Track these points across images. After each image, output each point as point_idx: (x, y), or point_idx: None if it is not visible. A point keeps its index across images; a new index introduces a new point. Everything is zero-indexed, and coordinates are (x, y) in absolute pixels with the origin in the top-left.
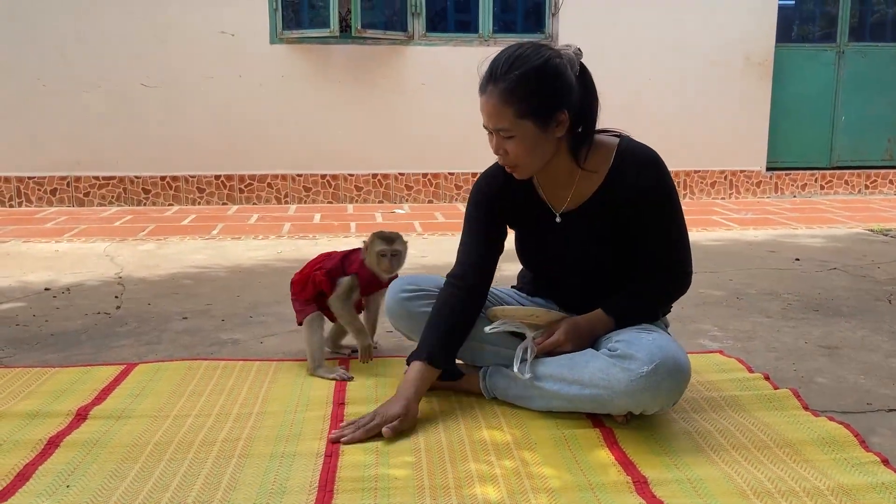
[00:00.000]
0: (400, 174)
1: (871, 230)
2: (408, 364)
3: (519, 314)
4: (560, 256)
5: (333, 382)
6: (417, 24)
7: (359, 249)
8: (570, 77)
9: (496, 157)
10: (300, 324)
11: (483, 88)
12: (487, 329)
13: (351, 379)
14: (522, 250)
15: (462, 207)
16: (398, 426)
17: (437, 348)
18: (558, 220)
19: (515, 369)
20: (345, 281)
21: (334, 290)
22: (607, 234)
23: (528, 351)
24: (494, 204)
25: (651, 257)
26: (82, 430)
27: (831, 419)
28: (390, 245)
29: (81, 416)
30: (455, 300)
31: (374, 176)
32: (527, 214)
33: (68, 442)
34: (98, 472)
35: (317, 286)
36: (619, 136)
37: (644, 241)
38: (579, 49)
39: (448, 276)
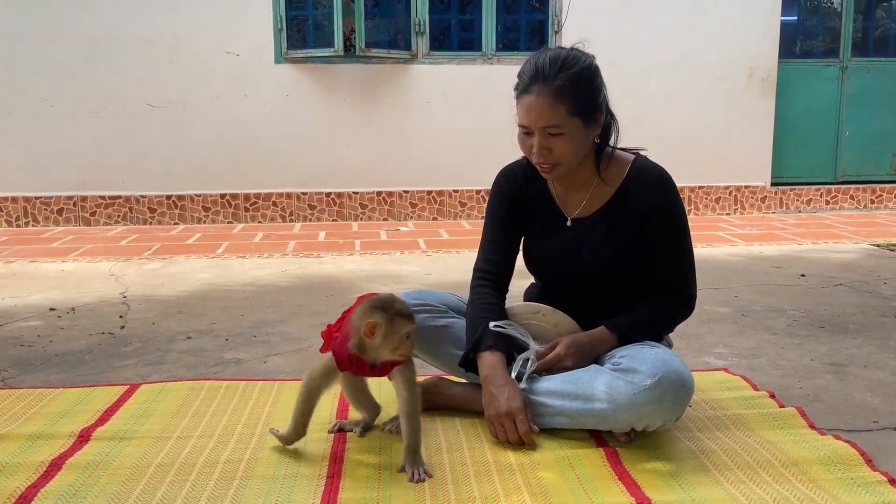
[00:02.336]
0: (404, 192)
1: (877, 245)
2: (464, 365)
3: (526, 310)
4: (567, 263)
5: (337, 402)
6: (421, 43)
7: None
8: (603, 81)
9: (530, 156)
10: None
11: (527, 89)
12: (492, 325)
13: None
14: (530, 255)
15: (466, 225)
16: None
17: (495, 336)
18: (569, 223)
19: (513, 376)
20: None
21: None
22: (615, 246)
23: (529, 363)
24: (514, 200)
25: (656, 275)
26: (85, 451)
27: (837, 438)
28: (412, 322)
29: (84, 437)
30: (490, 293)
31: (379, 193)
32: (540, 216)
33: (70, 464)
34: (100, 494)
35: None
36: (636, 153)
37: (650, 258)
38: (594, 57)
39: (476, 270)
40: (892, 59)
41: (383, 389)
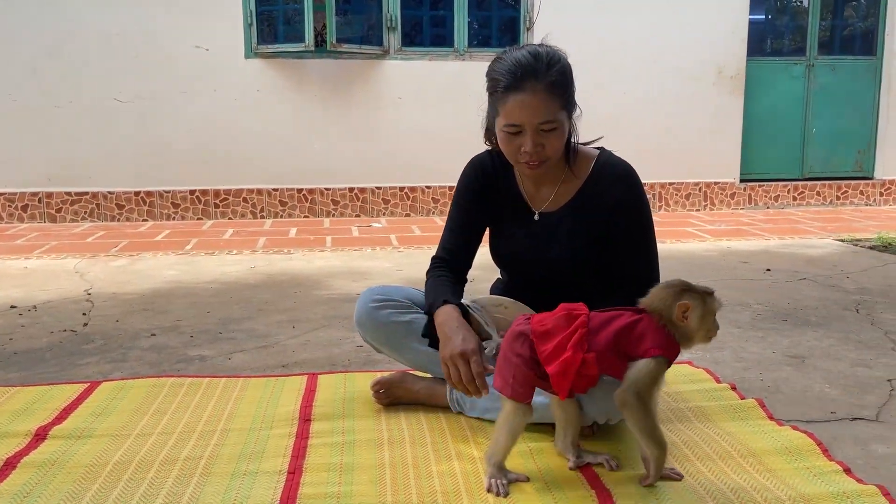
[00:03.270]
0: (377, 188)
1: (842, 240)
2: (427, 335)
3: (489, 303)
4: (534, 258)
5: (300, 398)
6: (393, 39)
7: (642, 315)
8: None
9: (517, 156)
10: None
11: (518, 86)
12: (464, 301)
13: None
14: (497, 248)
15: (439, 221)
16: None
17: (451, 295)
18: (536, 217)
19: None
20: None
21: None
22: (581, 241)
23: (494, 351)
24: (481, 191)
25: (621, 270)
26: (41, 450)
27: (795, 428)
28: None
29: (40, 436)
30: (446, 279)
31: (351, 190)
32: (507, 209)
33: (26, 463)
34: (55, 493)
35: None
36: (601, 148)
37: (616, 253)
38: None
39: (434, 258)
40: (858, 58)
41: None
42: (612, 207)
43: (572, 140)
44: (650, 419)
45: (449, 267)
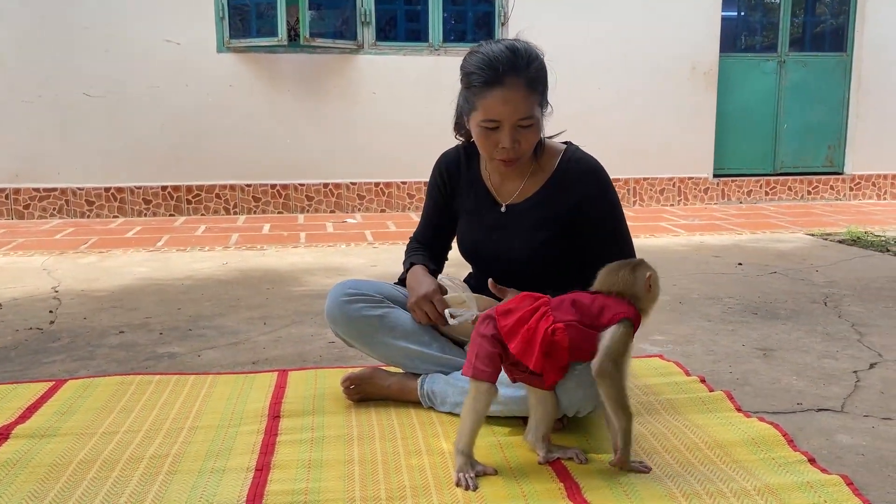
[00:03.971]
0: (352, 183)
1: (812, 235)
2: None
3: (453, 301)
4: (499, 249)
5: (270, 394)
6: (367, 33)
7: (596, 294)
8: None
9: (493, 152)
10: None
11: (499, 80)
12: (440, 277)
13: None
14: (462, 240)
15: (414, 217)
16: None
17: (420, 259)
18: (503, 209)
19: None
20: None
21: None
22: (546, 234)
23: (468, 318)
24: (448, 185)
25: (598, 262)
26: (3, 449)
27: (762, 420)
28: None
29: (3, 435)
30: (420, 249)
31: (326, 185)
32: (475, 201)
33: None
34: (16, 493)
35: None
36: (567, 143)
37: (591, 247)
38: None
39: (412, 238)
40: (828, 54)
41: None
42: (580, 202)
43: (542, 133)
44: (624, 388)
45: (425, 248)
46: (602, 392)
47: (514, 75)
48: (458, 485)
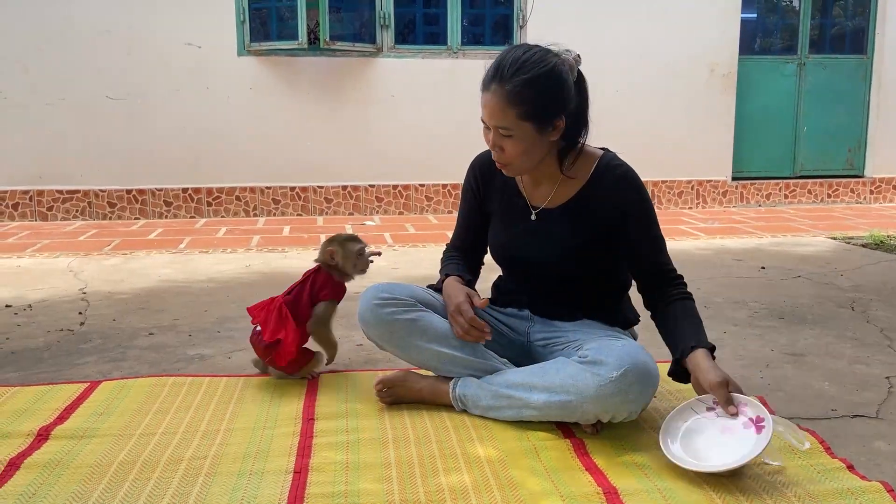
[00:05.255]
0: (370, 186)
1: (834, 238)
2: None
3: None
4: (529, 254)
5: (303, 396)
6: (386, 37)
7: (315, 273)
8: (571, 84)
9: (491, 150)
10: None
11: (486, 85)
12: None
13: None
14: (493, 243)
15: (433, 219)
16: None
17: (454, 270)
18: (533, 217)
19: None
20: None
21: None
22: (578, 240)
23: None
24: (480, 189)
25: (645, 268)
26: (44, 450)
27: (798, 426)
28: (360, 242)
29: (43, 436)
30: (455, 258)
31: (345, 188)
32: (507, 204)
33: (29, 463)
34: (60, 493)
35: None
36: (605, 149)
37: (637, 255)
38: (579, 55)
39: (448, 246)
40: (848, 56)
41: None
42: (617, 210)
43: (578, 141)
44: (329, 334)
45: (462, 256)
46: (315, 337)
47: (497, 84)
48: None
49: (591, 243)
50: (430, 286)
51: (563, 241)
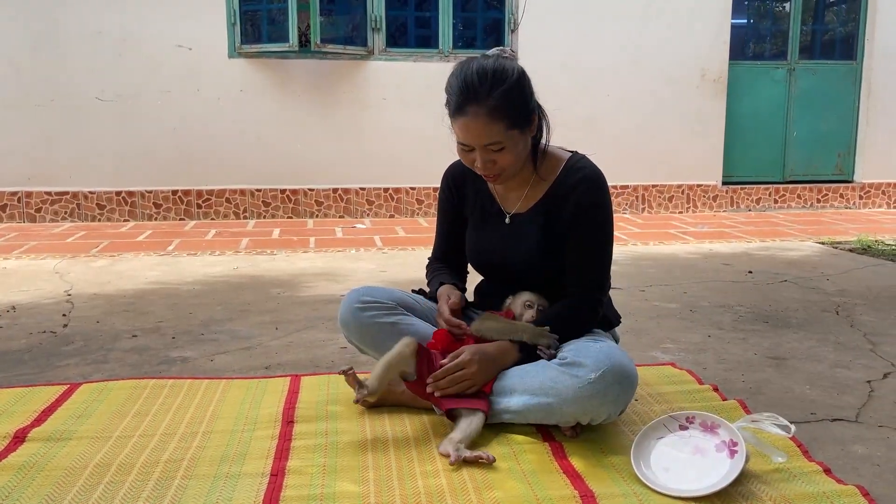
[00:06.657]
0: (361, 189)
1: (822, 243)
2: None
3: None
4: (505, 258)
5: (283, 399)
6: (378, 39)
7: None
8: (529, 79)
9: (473, 168)
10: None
11: (462, 109)
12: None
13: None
14: (473, 251)
15: (423, 222)
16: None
17: (446, 278)
18: (507, 221)
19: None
20: None
21: None
22: (549, 242)
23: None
24: (455, 198)
25: (570, 272)
26: (19, 452)
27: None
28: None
29: (19, 438)
30: (442, 268)
31: (335, 191)
32: (481, 211)
33: (3, 465)
34: (33, 496)
35: None
36: (574, 152)
37: (567, 256)
38: (513, 51)
39: (430, 258)
40: (838, 62)
41: None
42: (573, 209)
43: (542, 142)
44: None
45: (446, 265)
46: None
47: (476, 104)
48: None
49: (560, 245)
50: (414, 290)
51: (537, 244)
